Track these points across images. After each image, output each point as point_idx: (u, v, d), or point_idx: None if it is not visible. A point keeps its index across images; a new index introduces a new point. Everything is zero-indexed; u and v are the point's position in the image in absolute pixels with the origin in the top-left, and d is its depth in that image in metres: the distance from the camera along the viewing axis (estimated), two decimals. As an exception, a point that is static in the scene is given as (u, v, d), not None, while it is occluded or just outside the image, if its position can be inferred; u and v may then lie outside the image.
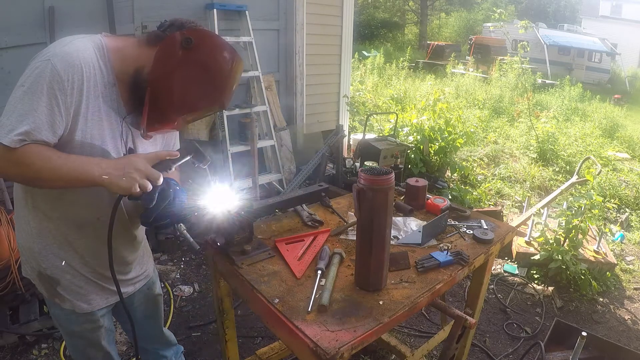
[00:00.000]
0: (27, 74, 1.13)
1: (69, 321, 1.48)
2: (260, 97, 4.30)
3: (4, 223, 2.50)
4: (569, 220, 3.35)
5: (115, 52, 1.24)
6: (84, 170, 1.14)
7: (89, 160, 1.16)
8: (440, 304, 1.47)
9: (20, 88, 1.12)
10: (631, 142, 7.86)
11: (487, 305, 3.11)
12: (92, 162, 1.16)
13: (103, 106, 1.23)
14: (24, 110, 1.10)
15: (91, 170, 1.14)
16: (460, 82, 12.09)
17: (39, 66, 1.12)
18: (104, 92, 1.23)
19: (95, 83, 1.20)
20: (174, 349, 1.95)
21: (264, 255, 1.53)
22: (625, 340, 2.83)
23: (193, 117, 1.34)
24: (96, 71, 1.20)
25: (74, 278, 1.39)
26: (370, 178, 1.27)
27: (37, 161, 1.12)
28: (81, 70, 1.15)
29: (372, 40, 25.08)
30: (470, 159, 6.31)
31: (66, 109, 1.15)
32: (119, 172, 1.14)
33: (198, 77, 1.23)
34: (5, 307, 2.52)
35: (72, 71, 1.14)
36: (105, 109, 1.24)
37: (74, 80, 1.14)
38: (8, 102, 1.13)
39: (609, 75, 18.01)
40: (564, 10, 30.43)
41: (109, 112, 1.26)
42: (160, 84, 1.22)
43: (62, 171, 1.13)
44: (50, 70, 1.11)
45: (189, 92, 1.24)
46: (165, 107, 1.24)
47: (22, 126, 1.09)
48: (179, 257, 3.53)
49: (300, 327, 1.17)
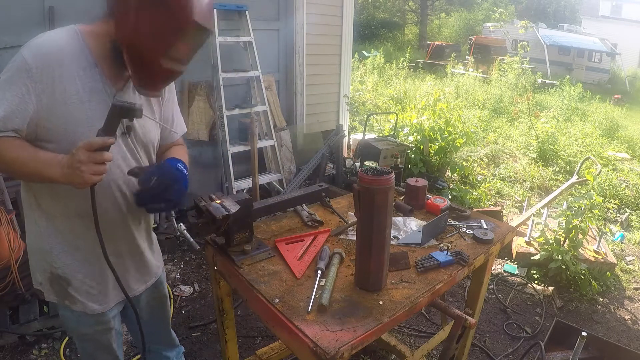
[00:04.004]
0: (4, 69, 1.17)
1: (80, 323, 1.47)
2: (260, 97, 4.30)
3: (4, 223, 2.50)
4: (569, 220, 3.35)
5: (89, 35, 1.24)
6: (46, 170, 1.16)
7: (53, 159, 1.16)
8: (440, 304, 1.47)
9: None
10: (631, 142, 7.85)
11: (487, 305, 3.11)
12: (55, 162, 1.16)
13: (84, 89, 1.22)
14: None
15: (53, 170, 1.15)
16: (460, 82, 12.09)
17: (13, 60, 1.17)
18: (84, 75, 1.22)
19: (69, 67, 1.19)
20: (176, 349, 1.95)
21: (264, 255, 1.53)
22: (625, 340, 2.83)
23: (180, 52, 1.22)
24: (72, 56, 1.20)
25: (85, 277, 1.39)
26: (370, 178, 1.27)
27: (8, 153, 1.17)
28: (51, 57, 1.17)
29: (372, 40, 25.06)
30: (470, 159, 6.31)
31: (37, 96, 1.17)
32: (70, 169, 1.13)
33: (155, 3, 1.15)
34: (5, 307, 2.52)
35: (42, 59, 1.16)
36: (87, 91, 1.23)
37: (43, 67, 1.16)
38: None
39: (609, 75, 18.00)
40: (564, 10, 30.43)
41: (93, 94, 1.24)
42: (126, 34, 1.18)
43: (29, 167, 1.17)
44: (20, 60, 1.16)
45: (155, 24, 1.16)
46: (145, 54, 1.19)
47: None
48: (179, 257, 3.53)
49: (300, 327, 1.17)
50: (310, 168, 4.40)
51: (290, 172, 4.70)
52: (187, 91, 3.99)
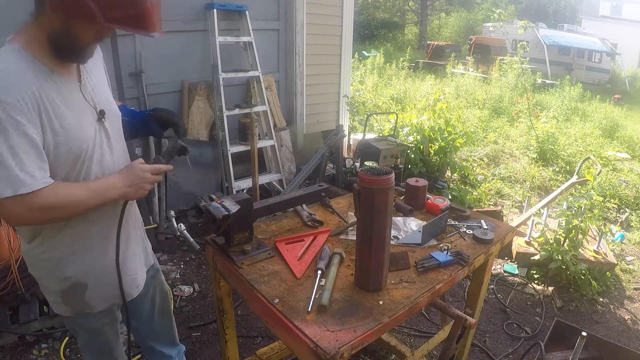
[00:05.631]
0: None
1: (90, 320, 1.51)
2: (260, 97, 4.30)
3: (3, 223, 2.50)
4: (569, 220, 3.35)
5: (27, 45, 1.20)
6: (106, 197, 1.29)
7: (106, 185, 1.30)
8: (440, 304, 1.47)
9: None
10: (631, 142, 7.85)
11: (487, 305, 3.11)
12: (110, 186, 1.30)
13: (58, 96, 1.23)
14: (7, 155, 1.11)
15: (111, 195, 1.30)
16: (460, 82, 12.08)
17: None
18: (50, 85, 1.21)
19: (38, 85, 1.18)
20: (177, 348, 1.98)
21: (264, 255, 1.53)
22: (625, 340, 2.83)
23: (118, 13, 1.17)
24: (32, 74, 1.18)
25: (99, 276, 1.44)
26: (370, 178, 1.27)
27: (62, 199, 1.22)
28: (21, 84, 1.15)
29: (372, 40, 25.08)
30: (470, 159, 6.31)
31: (35, 124, 1.16)
32: (134, 187, 1.32)
33: None
34: (5, 307, 2.52)
35: (15, 90, 1.13)
36: (60, 96, 1.23)
37: (23, 96, 1.14)
38: None
39: (609, 75, 17.98)
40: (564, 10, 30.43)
41: (66, 95, 1.25)
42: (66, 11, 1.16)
43: (90, 204, 1.27)
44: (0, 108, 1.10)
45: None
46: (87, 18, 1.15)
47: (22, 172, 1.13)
48: (179, 257, 3.53)
49: (300, 327, 1.17)
50: (310, 168, 4.40)
51: (290, 172, 4.70)
52: (187, 91, 3.99)
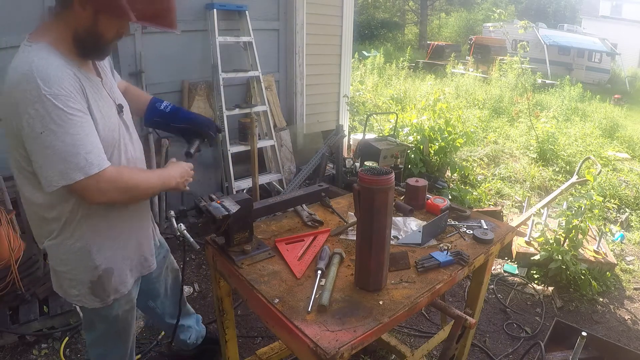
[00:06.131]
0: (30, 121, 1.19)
1: (114, 309, 1.59)
2: (260, 97, 4.30)
3: (4, 223, 2.50)
4: (569, 220, 3.35)
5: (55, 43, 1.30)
6: (166, 186, 1.47)
7: (167, 175, 1.48)
8: (440, 304, 1.47)
9: (41, 136, 1.19)
10: (631, 142, 7.85)
11: (487, 305, 3.11)
12: (170, 177, 1.49)
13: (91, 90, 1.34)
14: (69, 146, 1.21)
15: (170, 184, 1.48)
16: (460, 82, 12.08)
17: (38, 107, 1.18)
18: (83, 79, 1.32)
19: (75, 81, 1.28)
20: (194, 317, 2.23)
21: (264, 255, 1.53)
22: (625, 340, 2.83)
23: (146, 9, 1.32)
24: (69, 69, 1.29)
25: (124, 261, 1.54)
26: (370, 178, 1.27)
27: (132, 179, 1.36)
28: (68, 77, 1.26)
29: (372, 40, 25.07)
30: (470, 159, 6.31)
31: (86, 112, 1.28)
32: (183, 180, 1.53)
33: None
34: (5, 307, 2.52)
35: (67, 82, 1.24)
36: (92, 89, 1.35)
37: (74, 87, 1.26)
38: (38, 155, 1.22)
39: (609, 75, 17.99)
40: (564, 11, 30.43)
41: (95, 89, 1.38)
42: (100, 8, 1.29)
43: (156, 189, 1.46)
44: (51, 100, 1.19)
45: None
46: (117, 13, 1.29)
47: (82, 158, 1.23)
48: (179, 257, 3.52)
49: (300, 327, 1.17)
50: (310, 168, 4.40)
51: (290, 172, 4.70)
52: (187, 91, 3.99)
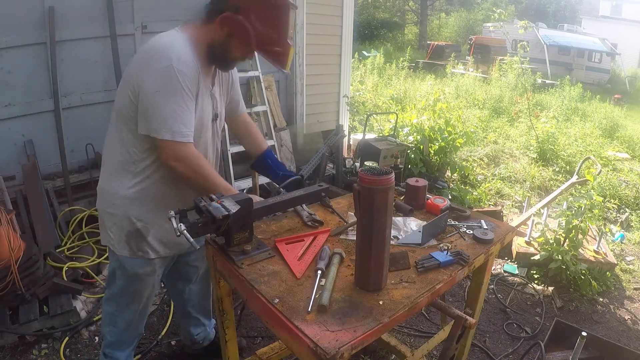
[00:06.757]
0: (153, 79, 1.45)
1: (136, 265, 1.74)
2: (260, 97, 4.30)
3: (4, 223, 2.50)
4: (569, 220, 3.35)
5: (191, 41, 1.55)
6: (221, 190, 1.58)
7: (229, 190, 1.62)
8: (440, 304, 1.47)
9: (156, 94, 1.44)
10: (631, 142, 7.85)
11: (487, 305, 3.11)
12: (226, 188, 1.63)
13: (202, 85, 1.59)
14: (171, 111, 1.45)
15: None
16: (460, 82, 12.09)
17: (165, 72, 1.44)
18: (199, 76, 1.56)
19: (196, 72, 1.53)
20: (211, 320, 2.31)
21: (264, 255, 1.52)
22: (625, 340, 2.83)
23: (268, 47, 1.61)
24: (194, 63, 1.52)
25: (162, 224, 1.66)
26: (370, 178, 1.26)
27: (207, 170, 1.58)
28: (194, 63, 1.51)
29: (372, 40, 25.07)
30: (470, 159, 6.31)
31: (194, 96, 1.53)
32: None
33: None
34: (5, 307, 2.52)
35: (191, 66, 1.50)
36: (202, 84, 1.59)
37: (195, 72, 1.51)
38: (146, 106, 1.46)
39: (609, 75, 17.99)
40: (564, 11, 30.45)
41: (203, 85, 1.61)
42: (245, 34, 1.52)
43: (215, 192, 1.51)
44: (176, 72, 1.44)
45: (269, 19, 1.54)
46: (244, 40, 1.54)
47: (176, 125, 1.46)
48: (179, 257, 3.52)
49: (300, 327, 1.17)
50: (310, 168, 4.39)
51: (290, 172, 4.69)
52: (187, 91, 3.99)
